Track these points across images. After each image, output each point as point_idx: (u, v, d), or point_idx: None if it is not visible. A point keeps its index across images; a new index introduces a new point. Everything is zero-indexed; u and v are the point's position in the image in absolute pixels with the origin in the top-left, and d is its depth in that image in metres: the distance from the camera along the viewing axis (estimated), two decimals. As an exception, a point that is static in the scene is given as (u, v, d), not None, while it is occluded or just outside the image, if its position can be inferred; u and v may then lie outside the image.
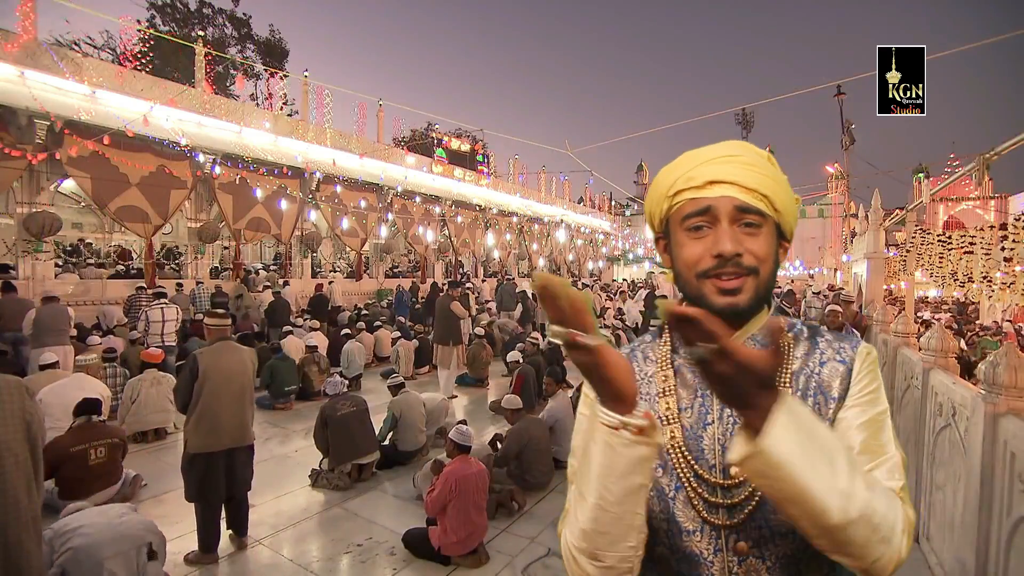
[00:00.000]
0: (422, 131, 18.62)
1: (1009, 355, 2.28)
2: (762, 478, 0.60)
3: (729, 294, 0.74)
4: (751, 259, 0.74)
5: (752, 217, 0.75)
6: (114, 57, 16.67)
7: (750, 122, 44.93)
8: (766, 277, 0.76)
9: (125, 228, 9.45)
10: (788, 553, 0.71)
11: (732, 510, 0.73)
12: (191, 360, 3.24)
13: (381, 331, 9.54)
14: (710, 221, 0.75)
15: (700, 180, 0.76)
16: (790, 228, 0.80)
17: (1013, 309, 11.65)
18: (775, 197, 0.76)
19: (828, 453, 0.59)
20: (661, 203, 0.82)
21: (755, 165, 0.77)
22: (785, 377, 0.76)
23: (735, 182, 0.75)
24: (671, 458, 0.76)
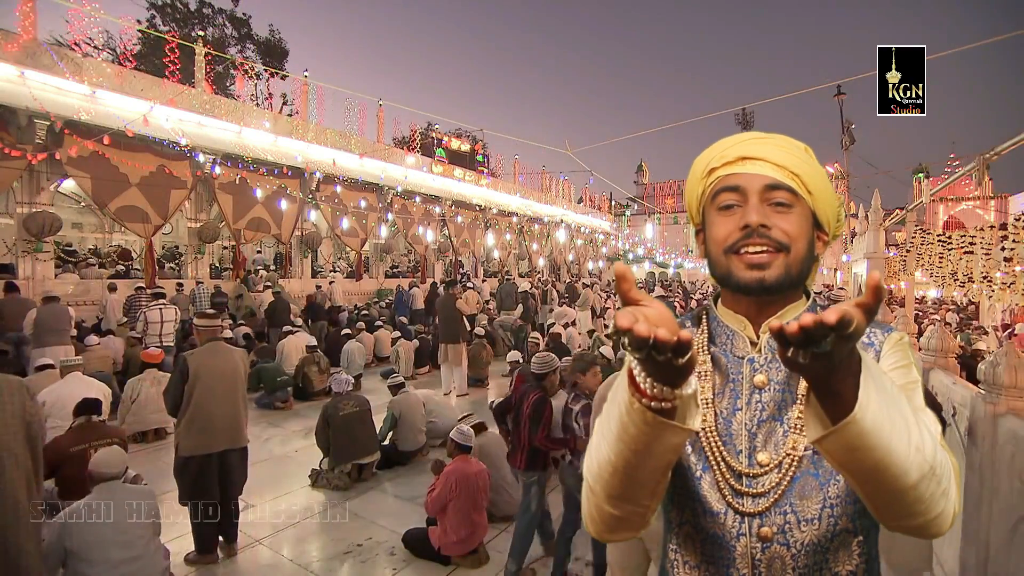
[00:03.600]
0: (422, 131, 18.59)
1: (1009, 355, 2.28)
2: (851, 452, 0.54)
3: (756, 268, 0.73)
4: (780, 234, 0.73)
5: (782, 195, 0.74)
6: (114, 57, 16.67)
7: (750, 122, 44.93)
8: (799, 257, 0.74)
9: (125, 228, 9.46)
10: (813, 540, 0.70)
11: (757, 498, 0.72)
12: (180, 362, 3.21)
13: (381, 331, 9.55)
14: (740, 199, 0.75)
15: (732, 156, 0.78)
16: (827, 218, 0.79)
17: (1013, 309, 11.64)
18: (807, 178, 0.76)
19: (899, 407, 0.56)
20: (697, 187, 0.82)
21: (787, 147, 0.77)
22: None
23: (766, 158, 0.76)
24: (702, 439, 0.76)
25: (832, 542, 0.71)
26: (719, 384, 0.79)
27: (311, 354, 7.26)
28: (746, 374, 0.77)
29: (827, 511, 0.70)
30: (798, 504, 0.71)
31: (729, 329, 0.80)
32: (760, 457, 0.73)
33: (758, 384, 0.76)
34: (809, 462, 0.71)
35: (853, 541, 0.71)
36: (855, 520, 0.71)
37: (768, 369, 0.76)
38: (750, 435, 0.74)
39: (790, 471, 0.71)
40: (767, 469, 0.72)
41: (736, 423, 0.76)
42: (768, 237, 0.73)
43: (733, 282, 0.75)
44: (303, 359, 7.18)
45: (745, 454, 0.74)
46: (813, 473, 0.71)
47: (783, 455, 0.72)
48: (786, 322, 0.48)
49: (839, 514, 0.70)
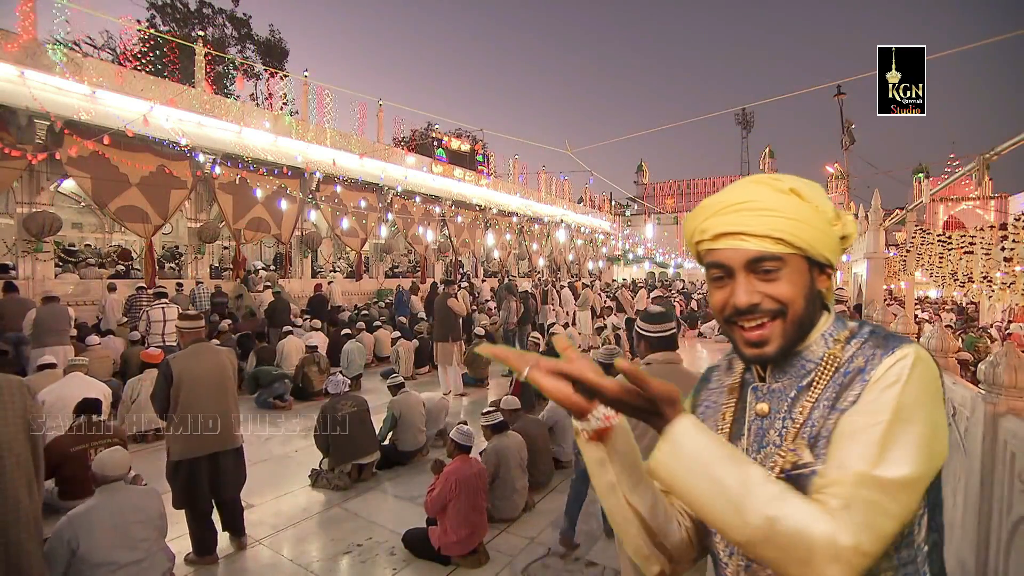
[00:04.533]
0: (422, 131, 18.60)
1: (1009, 355, 2.28)
2: (666, 488, 0.68)
3: (755, 346, 0.75)
4: (771, 303, 0.73)
5: (768, 264, 0.73)
6: (114, 57, 16.67)
7: (750, 122, 44.94)
8: (798, 315, 0.74)
9: (125, 228, 9.46)
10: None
11: None
12: (164, 366, 3.17)
13: (381, 331, 9.55)
14: (725, 274, 0.76)
15: (710, 233, 0.77)
16: (825, 256, 0.76)
17: (1013, 309, 11.64)
18: (792, 234, 0.73)
19: (721, 470, 0.62)
20: (692, 249, 0.84)
21: (767, 209, 0.73)
22: (820, 388, 0.73)
23: (743, 232, 0.73)
24: None
25: None
26: (737, 411, 0.84)
27: (311, 354, 7.26)
28: (750, 402, 0.81)
29: None
30: None
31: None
32: None
33: (760, 412, 0.79)
34: (792, 482, 0.70)
35: None
36: None
37: (770, 398, 0.79)
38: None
39: None
40: None
41: (739, 448, 0.79)
42: (760, 311, 0.74)
43: (738, 353, 0.79)
44: (303, 359, 7.18)
45: None
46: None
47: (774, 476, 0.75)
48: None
49: None
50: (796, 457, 0.71)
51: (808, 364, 0.76)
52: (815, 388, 0.74)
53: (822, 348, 0.76)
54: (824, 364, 0.75)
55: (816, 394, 0.73)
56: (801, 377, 0.76)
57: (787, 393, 0.77)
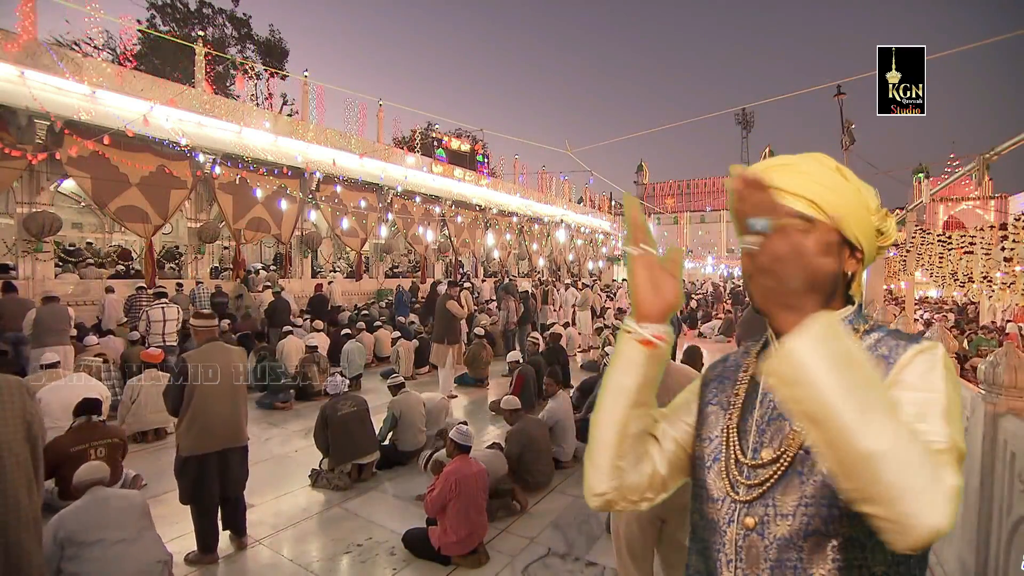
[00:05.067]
0: (422, 131, 18.61)
1: (1009, 355, 2.28)
2: (787, 386, 0.59)
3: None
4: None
5: (795, 223, 0.74)
6: (114, 57, 16.66)
7: (750, 122, 44.96)
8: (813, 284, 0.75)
9: (125, 228, 9.46)
10: (786, 535, 0.72)
11: (750, 488, 0.78)
12: (179, 363, 3.22)
13: (381, 331, 9.55)
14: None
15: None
16: (856, 235, 0.77)
17: (1013, 309, 11.65)
18: (826, 201, 0.75)
19: (863, 378, 0.57)
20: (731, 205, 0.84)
21: (807, 173, 0.77)
22: None
23: (780, 188, 0.75)
24: (723, 435, 0.84)
25: (805, 541, 0.71)
26: (750, 388, 0.86)
27: (311, 354, 7.26)
28: (764, 378, 0.82)
29: (801, 508, 0.72)
30: (779, 499, 0.75)
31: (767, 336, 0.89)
32: (764, 453, 0.78)
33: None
34: (799, 461, 0.74)
35: (827, 545, 0.70)
36: (828, 524, 0.70)
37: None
38: (759, 431, 0.80)
39: (783, 467, 0.76)
40: (767, 463, 0.77)
41: (751, 420, 0.82)
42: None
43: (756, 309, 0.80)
44: (303, 359, 7.18)
45: (751, 448, 0.80)
46: (798, 471, 0.74)
47: (781, 452, 0.77)
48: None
49: (812, 514, 0.71)
50: None
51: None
52: None
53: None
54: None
55: None
56: None
57: None
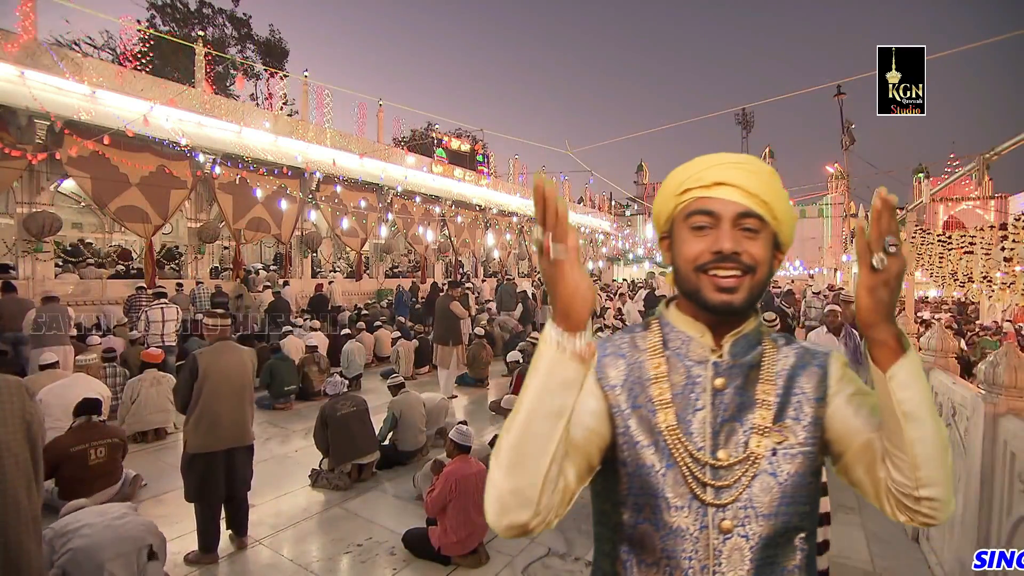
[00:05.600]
0: (422, 131, 18.61)
1: (1009, 355, 2.28)
2: (908, 388, 0.69)
3: (726, 292, 0.79)
4: (749, 258, 0.79)
5: (752, 222, 0.80)
6: (114, 57, 16.66)
7: (750, 122, 44.94)
8: (761, 279, 0.81)
9: (125, 228, 9.45)
10: (768, 534, 0.76)
11: (720, 491, 0.77)
12: (190, 360, 3.25)
13: (381, 331, 9.54)
14: (713, 222, 0.80)
15: (708, 180, 0.81)
16: (787, 239, 0.86)
17: (1013, 309, 11.64)
18: (775, 205, 0.81)
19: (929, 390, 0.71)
20: (669, 201, 0.86)
21: (759, 174, 0.82)
22: (770, 375, 0.82)
23: (740, 186, 0.80)
24: (665, 437, 0.80)
25: (782, 537, 0.77)
26: (677, 384, 0.83)
27: (311, 354, 7.26)
28: (708, 376, 0.82)
29: (782, 508, 0.76)
30: (757, 499, 0.76)
31: (685, 335, 0.85)
32: (720, 454, 0.78)
33: (718, 387, 0.81)
34: (767, 462, 0.78)
35: (796, 537, 0.78)
36: (803, 519, 0.78)
37: (729, 374, 0.82)
38: (712, 433, 0.79)
39: (752, 468, 0.77)
40: (729, 464, 0.78)
41: (696, 422, 0.80)
42: (738, 262, 0.78)
43: (702, 300, 0.81)
44: (303, 359, 7.18)
45: (708, 450, 0.79)
46: (771, 472, 0.77)
47: (744, 454, 0.78)
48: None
49: (791, 512, 0.77)
50: (782, 437, 0.78)
51: (752, 345, 0.84)
52: (767, 369, 0.83)
53: (759, 333, 0.86)
54: (768, 347, 0.85)
55: (770, 375, 0.82)
56: (748, 354, 0.83)
57: (741, 370, 0.82)
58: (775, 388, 0.81)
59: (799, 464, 0.77)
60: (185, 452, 3.23)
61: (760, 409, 0.80)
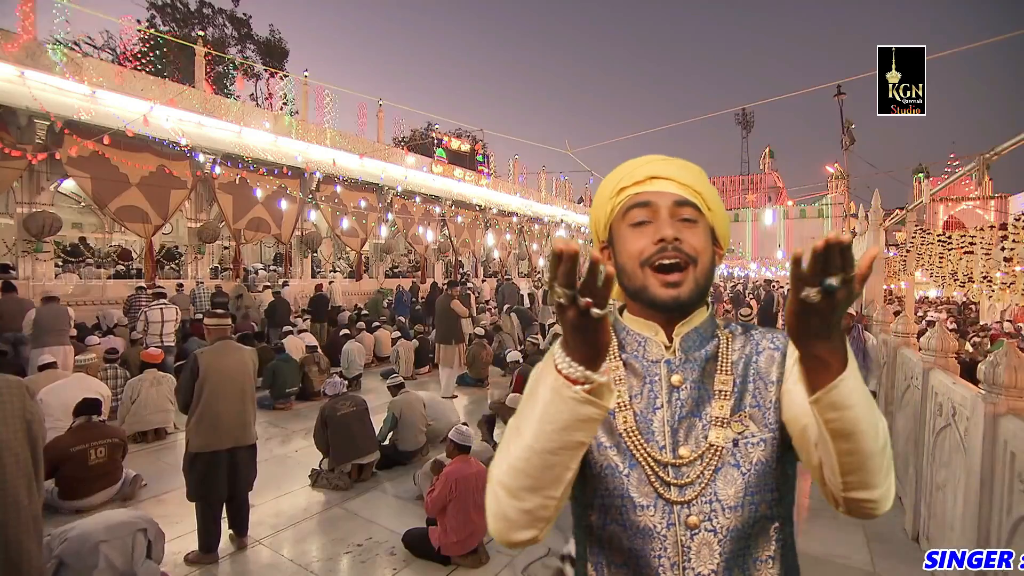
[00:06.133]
0: (422, 131, 18.62)
1: (1009, 355, 2.28)
2: (836, 410, 0.63)
3: (673, 286, 0.80)
4: (690, 248, 0.80)
5: (688, 211, 0.82)
6: (114, 57, 16.66)
7: (750, 122, 44.96)
8: (704, 270, 0.82)
9: (125, 228, 9.45)
10: (737, 526, 0.75)
11: (684, 488, 0.76)
12: (191, 360, 3.25)
13: (381, 331, 9.55)
14: (651, 214, 0.82)
15: (641, 175, 0.85)
16: (722, 234, 0.87)
17: (1013, 309, 11.64)
18: (707, 197, 0.85)
19: (867, 397, 0.65)
20: (605, 205, 0.88)
21: (690, 168, 0.86)
22: (727, 366, 0.82)
23: (673, 178, 0.84)
24: (625, 439, 0.80)
25: (753, 528, 0.76)
26: (635, 387, 0.83)
27: (311, 354, 7.26)
28: (663, 375, 0.82)
29: (748, 498, 0.76)
30: (722, 492, 0.76)
31: (640, 336, 0.86)
32: (682, 451, 0.78)
33: (675, 383, 0.81)
34: (729, 454, 0.77)
35: (771, 527, 0.78)
36: (772, 507, 0.77)
37: (684, 369, 0.82)
38: (672, 431, 0.79)
39: (713, 461, 0.77)
40: (691, 460, 0.77)
41: (657, 421, 0.80)
42: (680, 250, 0.79)
43: (648, 297, 0.81)
44: (303, 359, 7.18)
45: (668, 449, 0.78)
46: (734, 464, 0.76)
47: (704, 447, 0.78)
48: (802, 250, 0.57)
49: (759, 501, 0.76)
50: (743, 427, 0.78)
51: (705, 339, 0.84)
52: (723, 360, 0.82)
53: (712, 326, 0.86)
54: (725, 338, 0.85)
55: (727, 365, 0.82)
56: (702, 348, 0.83)
57: (696, 364, 0.82)
58: (732, 377, 0.81)
59: (762, 452, 0.77)
60: (187, 452, 3.23)
61: (718, 400, 0.79)
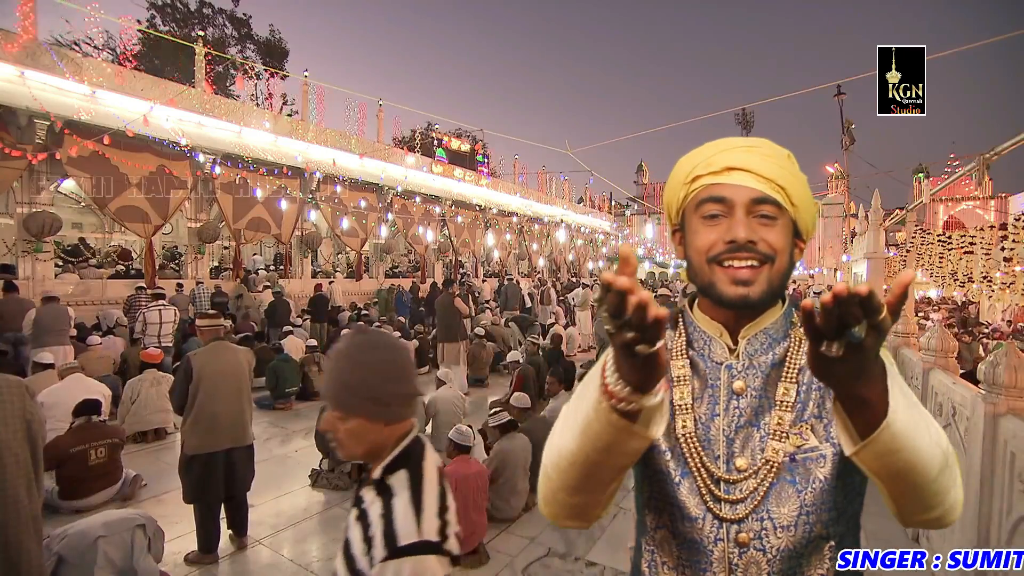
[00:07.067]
0: (422, 131, 18.64)
1: (1009, 355, 2.28)
2: (883, 457, 0.57)
3: (742, 284, 0.73)
4: (766, 247, 0.73)
5: (768, 208, 0.74)
6: (114, 57, 16.65)
7: (750, 122, 44.90)
8: (781, 269, 0.75)
9: (125, 228, 9.45)
10: (789, 547, 0.71)
11: (735, 504, 0.72)
12: (184, 362, 3.23)
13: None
14: (726, 210, 0.75)
15: (719, 166, 0.76)
16: (807, 227, 0.79)
17: (1013, 309, 11.64)
18: (792, 190, 0.76)
19: (916, 404, 0.61)
20: (679, 191, 0.81)
21: (773, 157, 0.77)
22: (792, 374, 0.76)
23: (752, 170, 0.75)
24: (682, 445, 0.76)
25: (807, 548, 0.72)
26: (698, 389, 0.79)
27: (311, 354, 7.25)
28: (724, 380, 0.77)
29: (803, 518, 0.71)
30: (775, 511, 0.71)
31: (706, 334, 0.81)
32: (738, 463, 0.73)
33: (736, 390, 0.76)
34: (786, 469, 0.72)
35: (825, 546, 0.73)
36: (829, 527, 0.72)
37: (746, 375, 0.77)
38: (727, 441, 0.75)
39: (768, 477, 0.72)
40: (746, 475, 0.73)
41: (714, 428, 0.76)
42: (755, 251, 0.73)
43: (716, 294, 0.75)
44: (303, 359, 7.18)
45: (723, 459, 0.74)
46: (790, 480, 0.71)
47: (761, 462, 0.73)
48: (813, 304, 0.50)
49: (814, 521, 0.71)
50: (802, 440, 0.72)
51: (774, 341, 0.77)
52: (789, 367, 0.75)
53: (785, 326, 0.79)
54: (796, 340, 0.77)
55: (793, 374, 0.75)
56: (770, 351, 0.77)
57: (760, 370, 0.76)
58: (796, 387, 0.74)
59: (822, 469, 0.71)
60: (183, 453, 3.21)
61: (779, 411, 0.73)
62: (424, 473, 0.99)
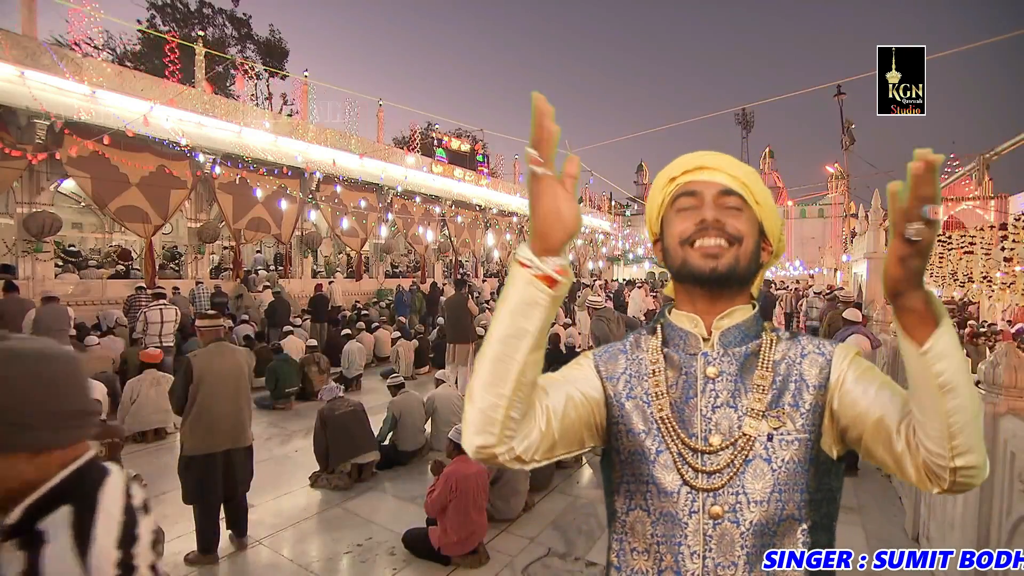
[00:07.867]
0: (422, 130, 18.62)
1: (1009, 355, 2.28)
2: (942, 360, 0.65)
3: (710, 258, 0.81)
4: (732, 228, 0.82)
5: (734, 200, 0.84)
6: (114, 57, 16.67)
7: (750, 122, 44.93)
8: (748, 252, 0.83)
9: (125, 228, 9.46)
10: (761, 521, 0.75)
11: (711, 475, 0.77)
12: (184, 363, 3.24)
13: (381, 331, 9.54)
14: (697, 202, 0.84)
15: (691, 166, 0.88)
16: (771, 229, 0.88)
17: (1013, 309, 11.63)
18: (755, 189, 0.86)
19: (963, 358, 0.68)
20: (657, 197, 0.91)
21: (740, 164, 0.87)
22: (767, 363, 0.81)
23: (721, 168, 0.86)
24: (659, 426, 0.81)
25: (779, 526, 0.75)
26: (671, 377, 0.84)
27: (311, 354, 7.26)
28: (700, 365, 0.83)
29: (775, 495, 0.75)
30: (749, 485, 0.76)
31: (682, 331, 0.86)
32: (714, 440, 0.78)
33: (711, 375, 0.82)
34: (762, 447, 0.77)
35: (798, 529, 0.76)
36: (800, 508, 0.76)
37: (720, 362, 0.82)
38: (704, 419, 0.80)
39: (744, 452, 0.77)
40: (722, 448, 0.78)
41: (690, 409, 0.81)
42: (722, 230, 0.81)
43: (687, 270, 0.83)
44: (303, 359, 7.18)
45: (700, 437, 0.79)
46: (765, 458, 0.76)
47: (737, 436, 0.78)
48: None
49: (786, 499, 0.76)
50: (779, 423, 0.78)
51: (748, 337, 0.84)
52: (764, 359, 0.82)
53: (757, 328, 0.86)
54: (769, 339, 0.84)
55: (767, 363, 0.81)
56: (743, 345, 0.84)
57: (735, 359, 0.83)
58: (772, 375, 0.81)
59: (795, 451, 0.76)
60: (182, 454, 3.22)
61: (755, 393, 0.79)
62: (100, 502, 0.79)
